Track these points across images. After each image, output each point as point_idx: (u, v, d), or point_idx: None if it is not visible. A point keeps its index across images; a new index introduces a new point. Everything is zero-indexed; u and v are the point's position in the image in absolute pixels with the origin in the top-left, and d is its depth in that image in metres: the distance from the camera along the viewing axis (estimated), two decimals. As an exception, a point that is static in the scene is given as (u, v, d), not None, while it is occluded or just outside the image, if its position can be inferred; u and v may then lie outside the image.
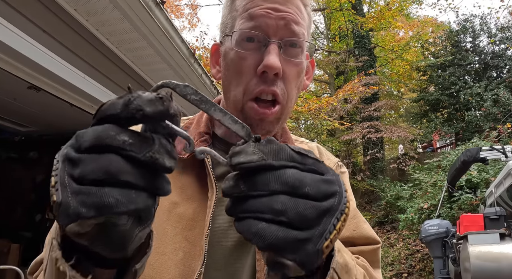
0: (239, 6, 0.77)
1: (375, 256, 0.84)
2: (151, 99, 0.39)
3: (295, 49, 0.76)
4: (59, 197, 0.37)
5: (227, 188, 0.42)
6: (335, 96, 12.47)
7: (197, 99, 0.44)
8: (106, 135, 0.38)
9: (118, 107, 0.39)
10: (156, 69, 3.70)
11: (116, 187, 0.37)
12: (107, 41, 3.10)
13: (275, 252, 0.39)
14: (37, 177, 5.30)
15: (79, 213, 0.36)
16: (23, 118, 4.60)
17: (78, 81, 2.81)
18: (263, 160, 0.41)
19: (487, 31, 17.11)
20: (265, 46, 0.73)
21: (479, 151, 6.96)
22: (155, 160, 0.39)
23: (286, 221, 0.39)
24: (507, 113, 13.75)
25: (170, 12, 15.99)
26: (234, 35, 0.75)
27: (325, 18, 18.74)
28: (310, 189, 0.40)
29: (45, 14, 2.47)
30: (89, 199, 0.36)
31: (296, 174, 0.41)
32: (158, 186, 0.40)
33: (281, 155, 0.42)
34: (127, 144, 0.38)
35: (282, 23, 0.73)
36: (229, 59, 0.77)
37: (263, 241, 0.39)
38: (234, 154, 0.42)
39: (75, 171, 0.38)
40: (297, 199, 0.40)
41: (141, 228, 0.41)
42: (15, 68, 2.37)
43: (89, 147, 0.38)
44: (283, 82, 0.75)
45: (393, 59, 16.09)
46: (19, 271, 3.34)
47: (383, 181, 13.20)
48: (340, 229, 0.41)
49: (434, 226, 6.86)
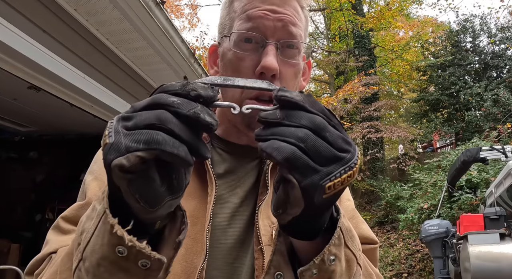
0: (237, 7, 0.78)
1: (373, 255, 0.85)
2: (205, 87, 0.47)
3: (292, 50, 0.77)
4: (111, 139, 0.42)
5: (266, 114, 0.48)
6: (335, 96, 12.49)
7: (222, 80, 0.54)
8: (159, 97, 0.45)
9: (177, 86, 0.46)
10: (156, 69, 3.70)
11: (164, 132, 0.42)
12: (107, 41, 3.10)
13: (288, 167, 0.45)
14: (37, 177, 5.30)
15: (129, 147, 0.41)
16: (23, 118, 4.60)
17: (78, 81, 2.81)
18: (302, 102, 0.48)
19: (487, 31, 17.11)
20: (262, 47, 0.74)
21: (479, 151, 6.97)
22: (197, 115, 0.44)
23: (304, 149, 0.45)
24: (507, 113, 13.76)
25: (170, 12, 15.99)
26: (232, 36, 0.76)
27: (325, 18, 18.74)
28: (330, 135, 0.47)
29: (45, 14, 2.47)
30: (141, 136, 0.42)
31: (323, 121, 0.47)
32: (199, 146, 0.45)
33: (316, 106, 0.48)
34: (176, 103, 0.44)
35: (280, 25, 0.74)
36: (227, 60, 0.78)
37: (281, 154, 0.44)
38: (281, 90, 0.49)
39: (129, 123, 0.44)
40: (318, 137, 0.46)
41: (172, 196, 0.46)
42: (15, 68, 2.37)
43: (143, 107, 0.45)
44: (280, 82, 0.76)
45: (393, 59, 16.10)
46: (19, 271, 3.34)
47: (383, 181, 13.20)
48: (344, 182, 0.46)
49: (434, 226, 6.86)
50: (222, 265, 0.73)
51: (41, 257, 0.71)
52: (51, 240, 0.73)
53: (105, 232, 0.46)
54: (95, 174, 0.80)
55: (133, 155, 0.41)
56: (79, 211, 0.75)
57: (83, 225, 0.53)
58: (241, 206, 0.79)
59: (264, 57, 0.73)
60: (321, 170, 0.45)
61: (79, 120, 4.07)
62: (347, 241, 0.55)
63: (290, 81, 0.78)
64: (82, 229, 0.53)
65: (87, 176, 0.82)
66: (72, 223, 0.74)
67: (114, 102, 3.32)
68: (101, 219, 0.48)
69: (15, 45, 2.19)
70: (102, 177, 0.78)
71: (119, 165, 0.41)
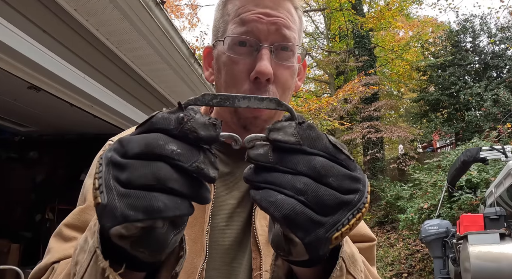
0: (231, 10, 0.78)
1: (371, 253, 0.85)
2: (205, 124, 0.42)
3: (287, 53, 0.77)
4: (104, 199, 0.38)
5: (256, 155, 0.43)
6: (335, 96, 12.48)
7: (218, 101, 0.46)
8: (156, 144, 0.39)
9: (171, 123, 0.41)
10: (156, 69, 3.69)
11: (163, 193, 0.38)
12: (107, 41, 3.10)
13: (288, 225, 0.40)
14: (37, 177, 5.30)
15: (126, 216, 0.37)
16: (23, 118, 4.60)
17: (78, 81, 2.81)
18: (299, 144, 0.42)
19: (487, 31, 17.11)
20: (257, 50, 0.75)
21: (479, 151, 6.96)
22: (200, 170, 0.40)
23: (304, 201, 0.40)
24: (507, 113, 13.75)
25: (170, 12, 15.99)
26: (226, 40, 0.76)
27: (325, 18, 18.74)
28: (334, 180, 0.41)
29: (45, 14, 2.47)
30: (139, 202, 0.37)
31: (325, 163, 0.42)
32: (201, 195, 0.42)
33: (317, 144, 0.43)
34: (175, 153, 0.39)
35: (273, 28, 0.74)
36: (222, 63, 0.78)
37: (280, 211, 0.39)
38: (274, 129, 0.44)
39: (122, 175, 0.39)
40: (319, 184, 0.41)
41: (176, 232, 0.43)
42: (15, 68, 2.37)
43: (137, 153, 0.40)
44: (275, 85, 0.76)
45: (393, 59, 16.09)
46: (19, 271, 3.34)
47: (383, 181, 13.20)
48: (353, 226, 0.42)
49: (434, 226, 6.86)
50: (220, 265, 0.73)
51: (44, 266, 0.70)
52: (54, 248, 0.72)
53: (97, 274, 0.45)
54: None
55: (132, 224, 0.37)
56: (81, 215, 0.75)
57: (77, 256, 0.51)
58: (238, 207, 0.79)
59: (259, 61, 0.73)
60: (326, 221, 0.40)
61: (79, 120, 4.07)
62: (349, 267, 0.53)
63: (285, 83, 0.79)
64: (76, 260, 0.51)
65: (87, 179, 0.82)
66: (75, 229, 0.74)
67: (114, 102, 3.32)
68: (92, 258, 0.45)
69: (15, 45, 2.19)
70: None
71: (117, 234, 0.38)
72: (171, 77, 3.82)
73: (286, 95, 0.81)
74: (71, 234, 0.74)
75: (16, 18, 2.21)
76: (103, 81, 3.13)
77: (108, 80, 3.22)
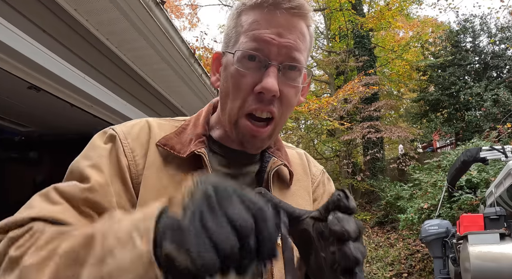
0: (245, 22, 0.79)
1: None
2: None
3: (294, 72, 0.80)
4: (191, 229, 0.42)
5: None
6: (335, 96, 12.48)
7: None
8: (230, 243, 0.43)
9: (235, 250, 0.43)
10: (156, 69, 3.69)
11: None
12: (107, 41, 3.10)
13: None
14: (37, 177, 5.30)
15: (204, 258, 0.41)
16: (23, 118, 4.60)
17: (78, 81, 2.81)
18: None
19: (487, 31, 17.11)
20: (265, 67, 0.77)
21: (479, 151, 6.96)
22: None
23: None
24: (507, 113, 13.76)
25: (170, 12, 15.99)
26: (236, 53, 0.78)
27: (325, 18, 18.73)
28: None
29: (45, 14, 2.47)
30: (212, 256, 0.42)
31: None
32: None
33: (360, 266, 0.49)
34: None
35: (284, 51, 0.77)
36: (229, 73, 0.80)
37: None
38: None
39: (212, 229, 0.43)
40: None
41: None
42: (15, 68, 2.37)
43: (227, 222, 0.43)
44: (280, 101, 0.79)
45: (393, 59, 16.09)
46: (19, 271, 3.34)
47: (383, 181, 13.19)
48: None
49: (434, 226, 6.86)
50: None
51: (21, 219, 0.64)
52: (36, 206, 0.68)
53: None
54: (95, 162, 0.78)
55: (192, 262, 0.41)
56: (75, 191, 0.72)
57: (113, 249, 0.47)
58: None
59: (266, 78, 0.75)
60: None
61: (79, 120, 4.07)
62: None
63: (290, 101, 0.81)
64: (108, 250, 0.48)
65: (82, 160, 0.80)
66: (64, 198, 0.71)
67: (114, 102, 3.32)
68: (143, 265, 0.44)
69: (15, 45, 2.19)
70: (102, 167, 0.77)
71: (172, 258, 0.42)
72: (171, 77, 3.82)
73: (288, 112, 0.83)
74: (59, 200, 0.71)
75: (16, 18, 2.21)
76: (103, 81, 3.13)
77: (108, 80, 3.22)
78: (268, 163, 0.87)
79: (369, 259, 9.67)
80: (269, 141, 0.84)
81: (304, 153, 1.04)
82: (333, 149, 15.69)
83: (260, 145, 0.82)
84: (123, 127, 0.86)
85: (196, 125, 0.88)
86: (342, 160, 14.47)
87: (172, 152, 0.81)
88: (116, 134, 0.83)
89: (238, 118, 0.80)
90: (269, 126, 0.80)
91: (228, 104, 0.81)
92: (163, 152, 0.83)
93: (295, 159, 0.99)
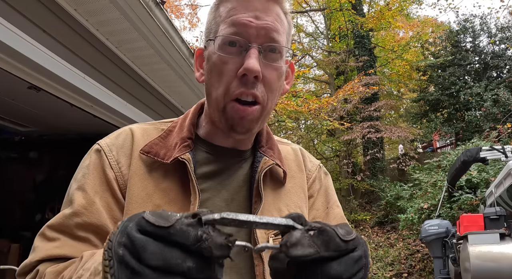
0: (223, 12, 0.80)
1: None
2: (221, 245, 0.45)
3: (274, 54, 0.80)
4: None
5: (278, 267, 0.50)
6: (335, 96, 12.47)
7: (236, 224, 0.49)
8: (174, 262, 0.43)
9: (189, 239, 0.44)
10: (156, 69, 3.70)
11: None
12: (107, 41, 3.10)
13: None
14: (37, 177, 5.30)
15: None
16: (23, 118, 4.60)
17: (78, 81, 2.80)
18: (318, 252, 0.48)
19: (487, 31, 17.10)
20: (245, 50, 0.77)
21: (479, 151, 6.95)
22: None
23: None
24: (507, 113, 13.75)
25: (170, 12, 15.99)
26: (217, 40, 0.79)
27: (325, 18, 18.72)
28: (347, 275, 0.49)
29: (45, 14, 2.47)
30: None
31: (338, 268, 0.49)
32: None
33: (331, 245, 0.49)
34: (192, 268, 0.44)
35: (263, 32, 0.78)
36: (212, 63, 0.81)
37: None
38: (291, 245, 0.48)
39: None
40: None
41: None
42: (15, 68, 2.37)
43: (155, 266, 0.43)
44: (263, 85, 0.79)
45: (393, 59, 16.08)
46: (19, 271, 3.33)
47: (383, 181, 13.19)
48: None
49: (434, 226, 6.86)
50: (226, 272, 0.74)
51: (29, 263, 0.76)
52: (38, 247, 0.77)
53: None
54: (80, 183, 0.81)
55: None
56: (64, 220, 0.78)
57: None
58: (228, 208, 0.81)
59: (247, 59, 0.75)
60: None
61: (79, 120, 4.07)
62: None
63: (273, 84, 0.81)
64: None
65: (73, 183, 0.84)
66: (57, 232, 0.78)
67: (114, 102, 3.32)
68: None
69: (15, 45, 2.19)
70: (85, 187, 0.80)
71: None
72: (171, 77, 3.82)
73: (274, 96, 0.83)
74: (53, 235, 0.77)
75: (16, 18, 2.21)
76: (103, 81, 3.13)
77: (108, 80, 3.22)
78: (259, 163, 0.86)
79: (369, 259, 9.67)
80: (257, 123, 0.82)
81: (300, 148, 1.04)
82: (333, 149, 15.69)
83: (249, 126, 0.80)
84: (107, 140, 0.87)
85: (181, 127, 0.88)
86: (342, 160, 14.47)
87: (156, 158, 0.81)
88: (101, 148, 0.85)
89: (225, 104, 0.79)
90: (255, 107, 0.79)
91: (213, 93, 0.81)
92: (147, 159, 0.83)
93: (290, 155, 0.98)
